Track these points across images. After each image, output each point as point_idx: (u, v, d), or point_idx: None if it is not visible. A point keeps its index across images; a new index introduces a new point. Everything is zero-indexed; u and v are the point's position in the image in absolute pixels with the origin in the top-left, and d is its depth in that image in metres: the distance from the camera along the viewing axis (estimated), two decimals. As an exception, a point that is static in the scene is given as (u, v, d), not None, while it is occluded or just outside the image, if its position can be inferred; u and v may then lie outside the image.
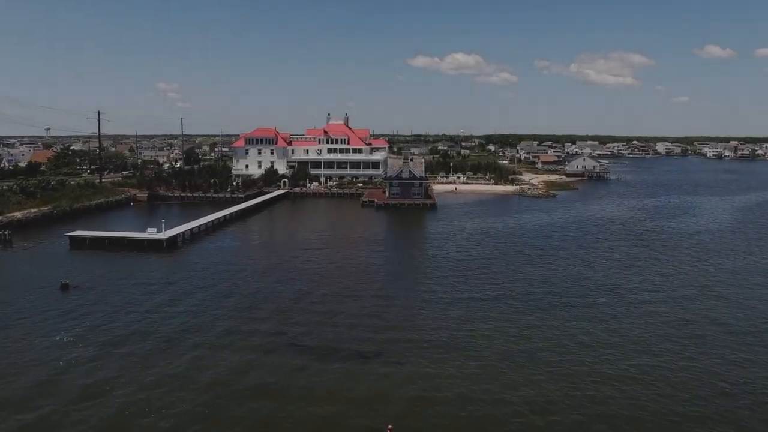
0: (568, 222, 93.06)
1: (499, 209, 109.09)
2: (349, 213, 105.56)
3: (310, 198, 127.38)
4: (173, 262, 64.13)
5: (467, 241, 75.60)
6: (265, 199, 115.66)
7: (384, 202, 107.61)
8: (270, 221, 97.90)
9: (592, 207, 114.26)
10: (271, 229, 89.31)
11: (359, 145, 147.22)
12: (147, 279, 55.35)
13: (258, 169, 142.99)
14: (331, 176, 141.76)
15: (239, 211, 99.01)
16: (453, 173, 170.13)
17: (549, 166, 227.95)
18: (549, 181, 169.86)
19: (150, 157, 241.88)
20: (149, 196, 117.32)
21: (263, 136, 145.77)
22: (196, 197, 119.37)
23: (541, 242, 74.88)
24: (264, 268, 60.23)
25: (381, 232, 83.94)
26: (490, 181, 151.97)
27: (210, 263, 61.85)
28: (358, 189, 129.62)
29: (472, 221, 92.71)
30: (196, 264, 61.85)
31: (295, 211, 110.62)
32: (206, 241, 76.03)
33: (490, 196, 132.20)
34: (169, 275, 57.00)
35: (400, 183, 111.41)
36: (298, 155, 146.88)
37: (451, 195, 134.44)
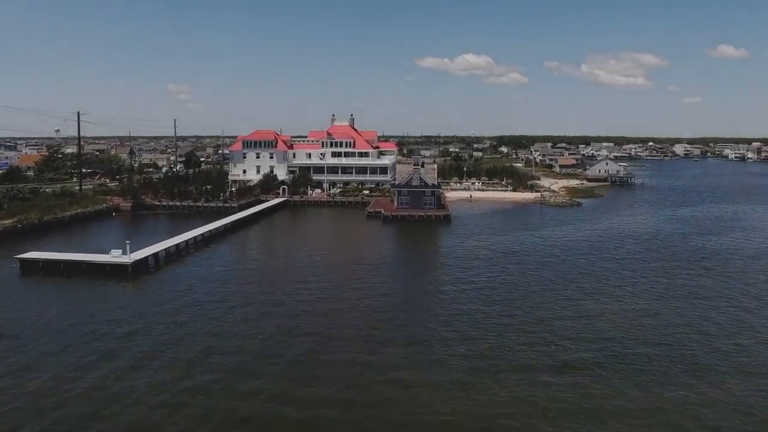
0: (603, 238, 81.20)
1: (520, 221, 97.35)
2: (352, 226, 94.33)
3: (311, 207, 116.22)
4: (137, 295, 53.08)
5: (489, 265, 64.01)
6: (261, 209, 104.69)
7: (392, 213, 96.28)
8: (263, 238, 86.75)
9: (624, 218, 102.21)
10: (263, 248, 77.86)
11: (366, 149, 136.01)
12: (99, 323, 44.23)
13: (256, 175, 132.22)
14: (335, 182, 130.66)
15: (230, 224, 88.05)
16: (467, 178, 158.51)
17: (567, 169, 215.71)
18: (570, 187, 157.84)
19: (149, 159, 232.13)
20: (134, 206, 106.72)
21: (262, 139, 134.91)
22: (186, 206, 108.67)
23: (580, 268, 63.07)
24: (250, 311, 48.92)
25: (388, 253, 72.51)
26: (508, 188, 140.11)
27: (183, 298, 50.65)
28: (364, 197, 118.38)
29: (491, 237, 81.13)
30: (166, 299, 50.70)
31: (293, 225, 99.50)
32: (184, 264, 65.01)
33: (508, 205, 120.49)
34: (129, 317, 45.79)
35: (410, 192, 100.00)
36: (299, 159, 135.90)
37: (466, 203, 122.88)
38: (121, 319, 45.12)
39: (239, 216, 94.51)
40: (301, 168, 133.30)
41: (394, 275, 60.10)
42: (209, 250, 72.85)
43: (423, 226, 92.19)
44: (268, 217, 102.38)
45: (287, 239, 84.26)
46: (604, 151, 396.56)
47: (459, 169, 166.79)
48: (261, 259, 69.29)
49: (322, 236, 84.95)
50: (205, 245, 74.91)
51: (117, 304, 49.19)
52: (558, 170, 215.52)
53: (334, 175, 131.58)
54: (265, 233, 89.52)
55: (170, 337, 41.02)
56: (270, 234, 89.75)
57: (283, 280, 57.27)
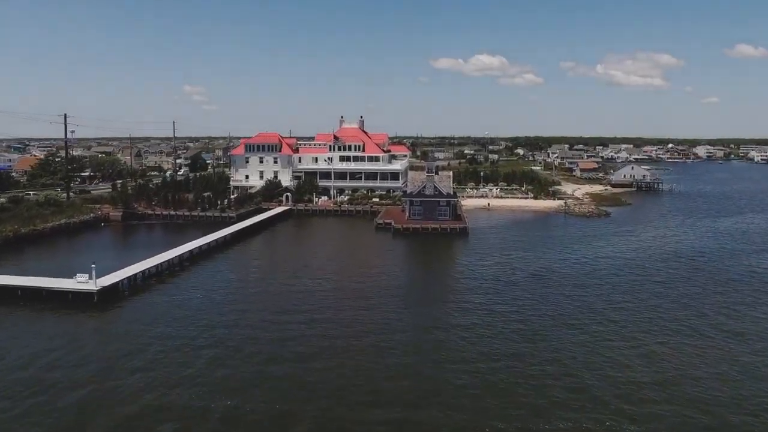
0: (641, 256, 71.73)
1: (544, 235, 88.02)
2: (360, 241, 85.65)
3: (316, 217, 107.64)
4: (101, 332, 44.82)
5: (515, 292, 54.95)
6: (261, 219, 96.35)
7: (403, 225, 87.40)
8: (260, 256, 78.09)
9: (660, 231, 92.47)
10: (258, 269, 68.63)
11: (376, 153, 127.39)
12: (35, 369, 36.03)
13: (259, 180, 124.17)
14: (343, 189, 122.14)
15: (225, 238, 79.79)
16: (484, 184, 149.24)
17: (589, 173, 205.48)
18: (594, 194, 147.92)
19: (155, 163, 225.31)
20: (124, 215, 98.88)
21: (265, 143, 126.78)
22: (181, 216, 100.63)
23: (623, 295, 53.84)
24: (223, 356, 40.43)
25: (397, 275, 63.62)
26: (528, 195, 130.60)
27: (155, 338, 42.25)
28: (373, 206, 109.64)
29: (514, 255, 72.01)
30: (135, 337, 42.39)
31: (295, 239, 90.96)
32: (164, 288, 56.68)
33: (529, 214, 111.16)
34: (74, 362, 37.60)
35: (423, 201, 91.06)
36: (305, 164, 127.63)
37: (484, 212, 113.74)
38: (62, 363, 36.88)
39: (236, 228, 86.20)
40: (306, 173, 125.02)
41: (404, 305, 51.23)
42: (197, 269, 64.51)
43: (437, 240, 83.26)
44: (269, 228, 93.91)
45: (286, 258, 75.59)
46: (624, 153, 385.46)
47: (475, 174, 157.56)
48: (252, 283, 60.59)
49: (325, 253, 76.17)
50: (193, 263, 66.60)
51: (66, 342, 40.86)
52: (579, 174, 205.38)
53: (342, 181, 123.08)
54: (262, 250, 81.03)
55: (112, 396, 32.59)
56: (268, 251, 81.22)
57: (273, 312, 48.62)
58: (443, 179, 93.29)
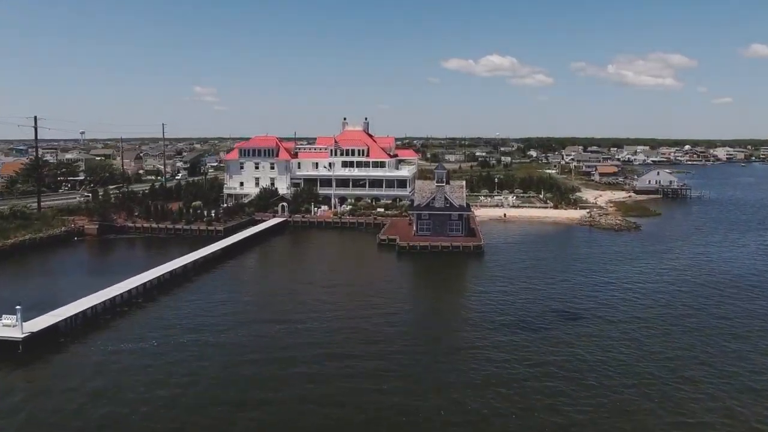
0: (690, 283, 60.78)
1: (571, 254, 77.23)
2: (360, 261, 75.31)
3: (314, 230, 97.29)
4: (19, 391, 34.85)
5: (544, 337, 44.43)
6: (251, 234, 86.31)
7: (409, 242, 76.90)
8: (242, 281, 67.30)
9: (702, 249, 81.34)
10: (233, 302, 57.79)
11: (381, 158, 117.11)
12: None
13: (255, 188, 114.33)
14: (346, 197, 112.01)
15: (207, 258, 69.87)
16: (498, 191, 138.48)
17: (608, 178, 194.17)
18: (617, 202, 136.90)
19: (153, 166, 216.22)
20: (101, 228, 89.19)
21: (261, 147, 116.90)
22: (164, 230, 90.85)
23: (685, 339, 43.13)
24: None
25: (397, 312, 53.18)
26: (548, 204, 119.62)
27: (87, 402, 32.26)
28: (377, 217, 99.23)
29: (539, 281, 61.39)
30: (60, 401, 32.43)
31: (286, 258, 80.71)
32: (117, 328, 46.74)
33: (550, 227, 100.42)
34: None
35: (432, 215, 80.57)
36: (305, 170, 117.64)
37: (499, 224, 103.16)
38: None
39: (221, 245, 76.22)
40: (306, 180, 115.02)
41: (408, 357, 40.86)
42: (165, 300, 54.52)
43: (448, 261, 72.77)
44: (260, 245, 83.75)
45: (272, 284, 65.25)
46: (641, 156, 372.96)
47: (489, 180, 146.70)
48: (220, 324, 50.19)
49: (318, 279, 65.64)
50: (162, 292, 56.65)
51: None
52: (597, 179, 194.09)
53: (344, 188, 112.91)
54: (246, 272, 70.73)
55: None
56: (253, 274, 70.98)
57: (247, 365, 38.49)
58: (455, 189, 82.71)
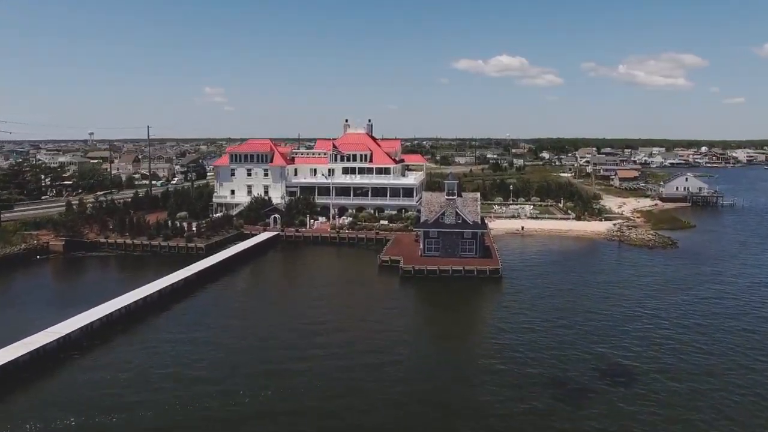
0: (755, 320, 49.88)
1: (603, 280, 66.21)
2: (356, 288, 64.53)
3: (308, 248, 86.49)
4: None
5: (593, 407, 33.70)
6: (236, 253, 76.05)
7: (414, 266, 66.22)
8: (213, 316, 56.99)
9: (755, 271, 70.19)
10: (193, 352, 48.35)
11: (386, 163, 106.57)
12: None
13: (247, 197, 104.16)
14: (346, 207, 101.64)
15: (176, 286, 59.68)
16: (514, 199, 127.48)
17: (629, 183, 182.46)
18: (644, 211, 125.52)
19: (149, 170, 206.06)
20: (68, 245, 79.31)
21: (254, 152, 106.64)
22: (139, 246, 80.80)
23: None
24: None
25: (396, 355, 42.74)
26: (570, 215, 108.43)
27: None
28: (380, 232, 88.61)
29: (570, 317, 50.63)
30: None
31: (271, 286, 70.12)
32: (46, 389, 36.62)
33: (574, 242, 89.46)
34: None
35: (442, 233, 69.87)
36: (302, 177, 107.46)
37: (516, 238, 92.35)
38: None
39: (198, 268, 66.06)
40: (303, 188, 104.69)
41: None
42: (117, 341, 44.37)
43: (459, 287, 62.09)
44: (243, 267, 73.28)
45: (250, 323, 54.97)
46: (658, 158, 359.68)
47: (504, 187, 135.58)
48: (162, 376, 40.07)
49: (305, 313, 55.22)
50: (119, 330, 46.53)
51: None
52: (617, 184, 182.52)
53: (344, 198, 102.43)
54: (221, 304, 59.70)
55: None
56: (229, 306, 60.27)
57: None
58: (468, 203, 71.96)
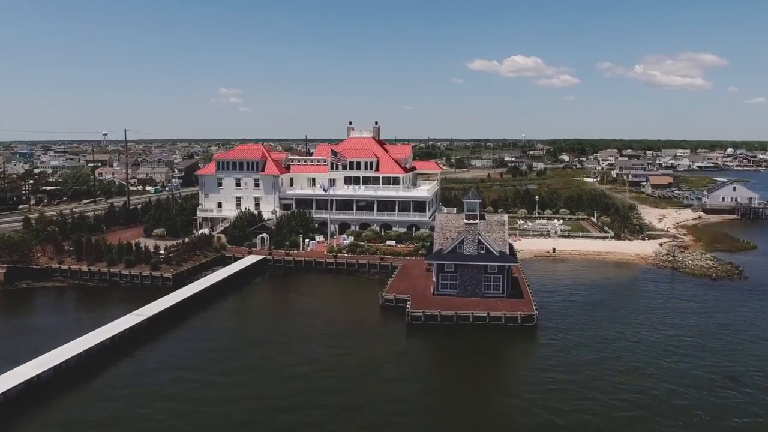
0: None
1: (672, 333, 51.68)
2: (350, 339, 50.05)
3: (299, 276, 72.04)
4: None
5: None
6: (214, 283, 62.52)
7: (425, 310, 51.96)
8: (166, 383, 43.74)
9: None
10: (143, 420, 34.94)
11: (394, 172, 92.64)
12: None
13: (236, 210, 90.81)
14: (348, 223, 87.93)
15: (124, 334, 46.31)
16: (539, 211, 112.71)
17: (662, 190, 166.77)
18: (687, 225, 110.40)
19: (146, 175, 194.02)
20: (11, 272, 66.13)
21: (243, 159, 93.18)
22: (97, 274, 67.49)
23: None
24: None
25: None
26: (608, 232, 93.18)
27: None
28: (385, 256, 74.38)
29: (637, 397, 36.36)
30: None
31: (246, 336, 56.41)
32: None
33: (617, 270, 74.79)
34: None
35: (460, 267, 55.44)
36: (298, 187, 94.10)
37: (547, 263, 77.89)
38: None
39: (171, 302, 52.83)
40: (298, 200, 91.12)
41: None
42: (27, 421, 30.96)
43: (482, 339, 47.84)
44: (216, 304, 59.33)
45: (225, 382, 41.26)
46: (685, 161, 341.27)
47: (528, 197, 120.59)
48: None
49: (277, 391, 41.55)
50: (48, 395, 33.13)
51: None
52: (650, 191, 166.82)
53: (346, 212, 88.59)
54: (174, 366, 46.26)
55: None
56: (186, 365, 46.66)
57: None
58: (493, 228, 57.37)
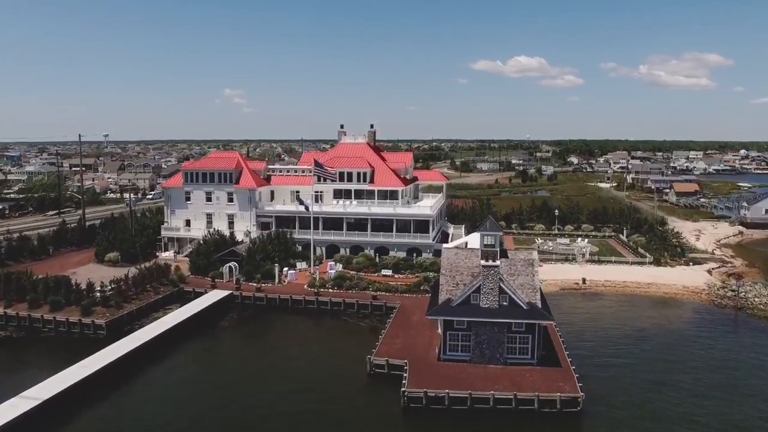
0: None
1: (749, 402, 37.60)
2: (325, 419, 36.35)
3: (271, 320, 57.73)
4: None
5: None
6: (159, 334, 48.75)
7: (427, 390, 37.79)
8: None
9: None
10: None
11: (392, 185, 78.64)
12: None
13: (206, 228, 77.08)
14: (339, 246, 74.15)
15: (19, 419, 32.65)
16: (559, 227, 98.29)
17: (687, 199, 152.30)
18: (731, 244, 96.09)
19: (129, 181, 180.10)
20: None
21: (215, 169, 79.35)
22: (16, 319, 53.60)
23: None
24: None
25: None
26: (646, 257, 78.44)
27: None
28: (377, 293, 60.14)
29: None
30: None
31: (191, 406, 41.95)
32: None
33: (664, 310, 60.53)
34: None
35: (475, 324, 41.05)
36: (280, 201, 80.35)
37: (578, 297, 63.72)
38: None
39: (73, 378, 39.03)
40: (279, 218, 77.33)
41: None
42: None
43: None
44: (157, 365, 45.42)
45: None
46: (701, 163, 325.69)
47: (546, 210, 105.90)
48: None
49: None
50: None
51: None
52: (674, 200, 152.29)
53: (335, 233, 74.72)
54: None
55: None
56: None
57: None
58: (519, 269, 42.83)
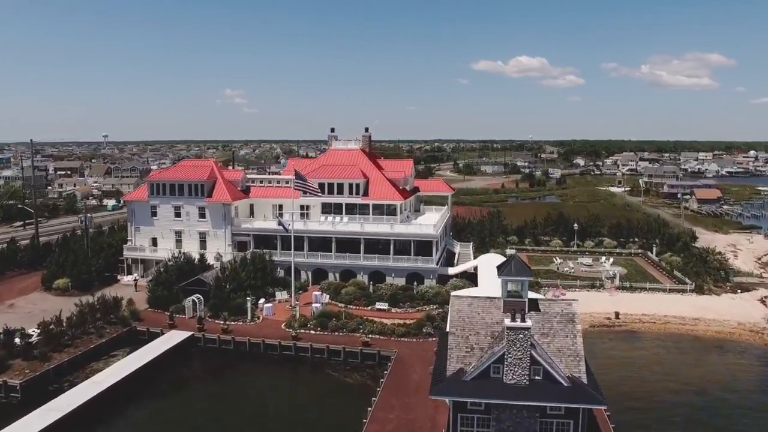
0: None
1: None
2: None
3: (239, 370, 46.69)
4: None
5: None
6: (99, 392, 38.06)
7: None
8: None
9: None
10: None
11: (389, 198, 67.61)
12: None
13: (175, 248, 66.37)
14: (326, 270, 63.38)
15: None
16: (579, 242, 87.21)
17: (709, 206, 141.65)
18: None
19: (112, 186, 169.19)
20: None
21: (185, 180, 68.54)
22: None
23: None
24: None
25: None
26: (687, 283, 67.06)
27: None
28: (369, 336, 49.11)
29: None
30: None
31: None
32: None
33: (720, 357, 49.67)
34: None
35: (496, 407, 30.07)
36: (261, 217, 69.66)
37: (611, 337, 52.81)
38: None
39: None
40: (258, 237, 66.53)
41: None
42: None
43: None
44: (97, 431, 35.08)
45: None
46: (713, 165, 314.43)
47: (563, 223, 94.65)
48: None
49: None
50: None
51: None
52: (695, 207, 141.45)
53: (323, 255, 63.88)
54: None
55: None
56: None
57: None
58: (554, 327, 31.67)
